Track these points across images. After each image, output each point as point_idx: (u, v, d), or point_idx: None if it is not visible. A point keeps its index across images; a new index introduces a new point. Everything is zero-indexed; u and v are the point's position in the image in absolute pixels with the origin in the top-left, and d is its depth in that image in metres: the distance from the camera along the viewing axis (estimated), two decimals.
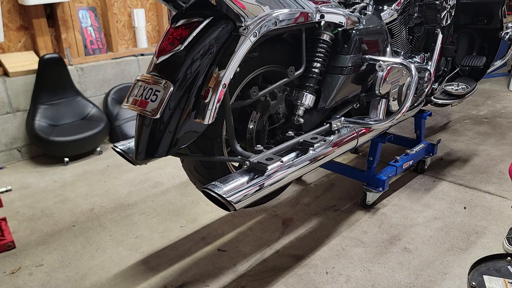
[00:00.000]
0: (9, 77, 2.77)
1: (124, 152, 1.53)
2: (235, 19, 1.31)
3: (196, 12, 1.31)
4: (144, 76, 1.31)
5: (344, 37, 1.74)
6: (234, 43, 1.31)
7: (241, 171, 1.37)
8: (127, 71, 3.38)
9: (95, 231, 2.08)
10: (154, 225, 2.12)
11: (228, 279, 1.74)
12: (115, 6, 3.37)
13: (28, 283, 1.73)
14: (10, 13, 2.84)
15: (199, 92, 1.28)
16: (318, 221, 2.13)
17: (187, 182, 2.49)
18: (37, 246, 1.97)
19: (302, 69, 1.61)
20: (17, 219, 2.19)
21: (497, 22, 2.51)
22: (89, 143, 2.94)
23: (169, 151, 1.31)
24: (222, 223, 2.13)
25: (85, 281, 1.74)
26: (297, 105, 1.65)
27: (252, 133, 1.60)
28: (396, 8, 2.05)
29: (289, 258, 1.85)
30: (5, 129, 2.82)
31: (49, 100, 2.91)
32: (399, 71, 1.92)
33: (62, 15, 3.01)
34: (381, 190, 2.15)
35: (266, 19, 1.35)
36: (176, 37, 1.27)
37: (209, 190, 1.25)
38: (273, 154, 1.41)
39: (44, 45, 2.95)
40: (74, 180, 2.63)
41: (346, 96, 1.82)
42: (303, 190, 2.44)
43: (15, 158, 2.91)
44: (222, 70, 1.28)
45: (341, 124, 1.77)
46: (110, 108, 3.22)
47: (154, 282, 1.73)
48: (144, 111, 1.25)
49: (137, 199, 2.38)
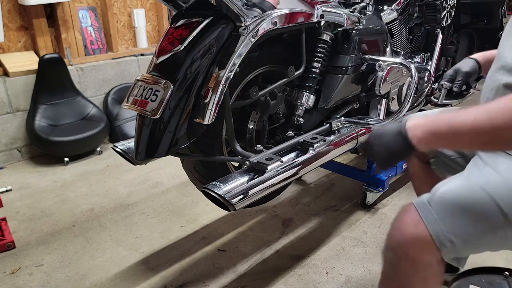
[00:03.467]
0: (9, 77, 2.77)
1: (124, 152, 1.53)
2: (235, 19, 1.31)
3: (196, 12, 1.31)
4: (144, 76, 1.31)
5: (344, 37, 1.74)
6: (234, 43, 1.31)
7: (241, 171, 1.37)
8: (127, 71, 3.38)
9: (95, 231, 2.08)
10: (154, 225, 2.12)
11: (228, 279, 1.74)
12: (115, 6, 3.37)
13: (28, 283, 1.73)
14: (10, 13, 2.84)
15: (199, 92, 1.28)
16: (318, 221, 2.13)
17: (187, 182, 2.48)
18: (37, 246, 1.97)
19: (302, 69, 1.61)
20: (17, 219, 2.19)
21: (497, 22, 2.51)
22: (89, 143, 2.94)
23: (169, 151, 1.31)
24: (222, 223, 2.13)
25: (85, 281, 1.74)
26: (297, 105, 1.65)
27: (252, 133, 1.60)
28: (396, 8, 2.05)
29: (289, 258, 1.85)
30: (5, 129, 2.82)
31: (49, 100, 2.91)
32: (399, 71, 1.92)
33: (62, 15, 3.01)
34: (381, 190, 2.15)
35: (266, 19, 1.35)
36: (176, 37, 1.27)
37: (209, 190, 1.25)
38: (273, 154, 1.41)
39: (44, 45, 2.95)
40: (74, 180, 2.63)
41: (346, 96, 1.82)
42: (303, 190, 2.43)
43: (15, 158, 2.91)
44: (222, 70, 1.28)
45: (341, 124, 1.77)
46: (110, 108, 3.22)
47: (154, 282, 1.73)
48: (144, 111, 1.25)
49: (137, 199, 2.38)
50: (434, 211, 0.92)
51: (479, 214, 0.90)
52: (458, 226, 0.90)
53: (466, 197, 0.92)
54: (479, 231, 0.89)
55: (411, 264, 0.95)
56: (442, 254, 0.91)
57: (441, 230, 0.90)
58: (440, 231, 0.90)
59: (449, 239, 0.90)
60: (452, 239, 0.89)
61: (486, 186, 0.91)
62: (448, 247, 0.90)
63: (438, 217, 0.91)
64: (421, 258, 0.93)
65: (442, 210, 0.92)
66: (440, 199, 0.94)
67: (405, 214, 0.97)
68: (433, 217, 0.91)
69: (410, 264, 0.95)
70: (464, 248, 0.91)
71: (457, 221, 0.90)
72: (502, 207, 0.87)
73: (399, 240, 0.96)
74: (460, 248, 0.91)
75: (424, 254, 0.92)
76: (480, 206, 0.90)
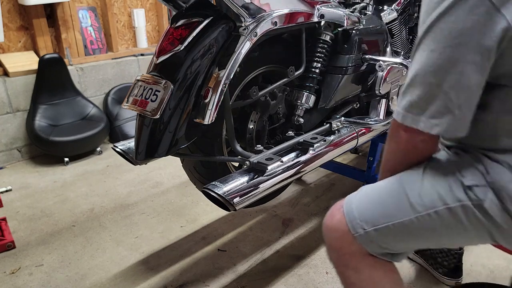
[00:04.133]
0: (9, 77, 2.77)
1: (124, 152, 1.53)
2: (235, 19, 1.31)
3: (196, 12, 1.31)
4: (144, 76, 1.31)
5: (344, 37, 1.74)
6: (234, 43, 1.31)
7: (241, 171, 1.37)
8: (127, 71, 3.38)
9: (95, 231, 2.08)
10: (154, 225, 2.12)
11: (228, 279, 1.74)
12: (115, 6, 3.37)
13: (28, 283, 1.73)
14: (10, 13, 2.84)
15: (199, 92, 1.28)
16: (318, 221, 2.13)
17: (187, 182, 2.48)
18: (37, 246, 1.97)
19: (302, 69, 1.61)
20: (17, 219, 2.19)
21: None
22: (89, 143, 2.94)
23: (169, 151, 1.31)
24: (222, 223, 2.13)
25: (85, 281, 1.74)
26: (297, 105, 1.65)
27: (252, 133, 1.60)
28: (396, 8, 2.05)
29: (289, 258, 1.85)
30: (5, 129, 2.82)
31: (49, 100, 2.91)
32: (399, 71, 1.92)
33: (62, 15, 3.01)
34: None
35: (266, 19, 1.35)
36: (176, 37, 1.27)
37: (209, 190, 1.25)
38: (273, 154, 1.41)
39: (44, 45, 2.95)
40: (74, 180, 2.63)
41: (346, 96, 1.82)
42: (303, 190, 2.44)
43: (15, 158, 2.91)
44: (222, 70, 1.28)
45: (341, 124, 1.77)
46: (110, 108, 3.22)
47: (154, 282, 1.73)
48: (144, 111, 1.25)
49: (137, 199, 2.38)
50: (354, 202, 0.97)
51: (387, 201, 0.93)
52: (369, 213, 0.93)
53: (383, 187, 0.96)
54: (386, 218, 0.91)
55: (337, 256, 0.99)
56: (360, 242, 0.94)
57: (353, 217, 0.94)
58: (353, 217, 0.94)
59: (361, 226, 0.93)
60: (364, 226, 0.92)
61: (403, 176, 0.93)
62: (362, 234, 0.93)
63: (355, 206, 0.95)
64: (344, 248, 0.96)
65: (361, 200, 0.97)
66: (364, 192, 0.98)
67: (334, 207, 1.01)
68: (350, 207, 0.96)
69: (336, 256, 1.00)
70: (380, 237, 0.92)
71: (370, 209, 0.94)
72: (409, 196, 0.89)
73: (324, 233, 1.01)
74: (375, 237, 0.92)
75: (345, 243, 0.96)
76: (390, 193, 0.93)
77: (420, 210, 0.88)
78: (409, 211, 0.89)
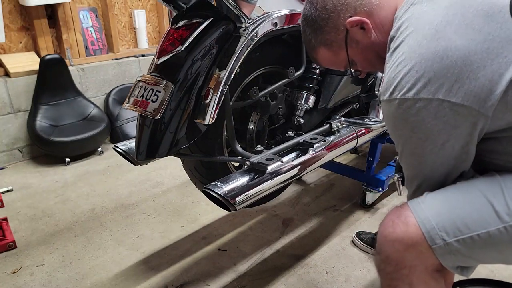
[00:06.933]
0: (10, 77, 2.78)
1: (125, 152, 1.54)
2: (236, 20, 1.31)
3: (197, 13, 1.31)
4: (145, 77, 1.31)
5: None
6: (234, 44, 1.32)
7: (241, 171, 1.38)
8: (128, 71, 3.39)
9: (96, 231, 2.09)
10: (155, 225, 2.13)
11: (228, 279, 1.74)
12: (116, 7, 3.38)
13: (29, 283, 1.74)
14: (11, 13, 2.85)
15: (199, 92, 1.29)
16: (318, 221, 2.13)
17: (188, 182, 2.49)
18: (38, 246, 1.97)
19: (302, 69, 1.61)
20: (18, 219, 2.20)
21: None
22: (90, 144, 2.94)
23: (169, 151, 1.31)
24: (222, 223, 2.13)
25: (86, 280, 1.75)
26: (297, 105, 1.66)
27: (252, 134, 1.61)
28: None
29: (289, 258, 1.86)
30: (6, 130, 2.83)
31: (50, 100, 2.91)
32: None
33: (63, 15, 3.02)
34: (381, 190, 2.15)
35: (266, 20, 1.36)
36: (177, 38, 1.28)
37: (209, 190, 1.25)
38: (273, 154, 1.42)
39: (45, 45, 2.96)
40: (75, 180, 2.64)
41: (346, 97, 1.83)
42: (303, 190, 2.44)
43: (16, 159, 2.92)
44: (222, 70, 1.29)
45: (341, 124, 1.78)
46: (111, 108, 3.22)
47: (155, 282, 1.73)
48: (145, 112, 1.26)
49: (138, 199, 2.39)
50: (427, 210, 0.89)
51: (468, 210, 0.87)
52: (449, 223, 0.86)
53: (459, 195, 0.89)
54: (470, 228, 0.85)
55: (395, 270, 0.91)
56: (438, 254, 0.87)
57: (431, 227, 0.86)
58: (431, 227, 0.86)
59: (441, 237, 0.85)
60: (444, 236, 0.86)
61: (480, 185, 0.88)
62: (441, 245, 0.86)
63: (431, 215, 0.88)
64: (406, 261, 0.89)
65: (436, 209, 0.89)
66: (435, 200, 0.91)
67: (394, 216, 0.92)
68: (425, 215, 0.88)
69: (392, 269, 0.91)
70: (462, 249, 0.86)
71: (450, 219, 0.87)
72: (494, 204, 0.85)
73: (383, 244, 0.92)
74: (456, 249, 0.86)
75: (411, 255, 0.88)
76: (469, 202, 0.87)
77: (508, 220, 0.83)
78: (496, 221, 0.84)
